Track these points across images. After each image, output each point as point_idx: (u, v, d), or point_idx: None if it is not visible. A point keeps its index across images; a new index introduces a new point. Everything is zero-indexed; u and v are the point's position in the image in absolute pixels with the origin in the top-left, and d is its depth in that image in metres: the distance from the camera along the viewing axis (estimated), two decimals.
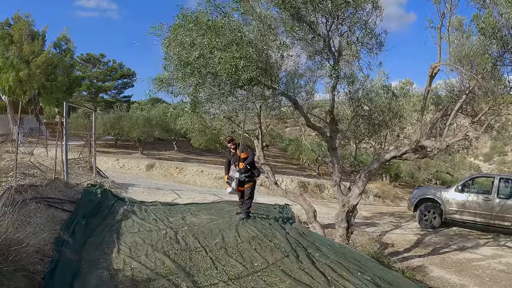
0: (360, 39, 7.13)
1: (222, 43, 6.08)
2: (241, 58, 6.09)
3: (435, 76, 7.38)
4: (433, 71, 7.19)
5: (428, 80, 7.45)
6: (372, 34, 7.10)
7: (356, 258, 6.87)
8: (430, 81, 7.48)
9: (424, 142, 7.80)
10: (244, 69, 6.14)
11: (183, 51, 6.32)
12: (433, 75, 7.30)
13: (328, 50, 7.32)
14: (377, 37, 7.18)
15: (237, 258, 6.67)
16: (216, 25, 6.23)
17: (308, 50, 7.21)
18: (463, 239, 12.48)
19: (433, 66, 7.15)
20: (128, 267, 6.21)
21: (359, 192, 8.65)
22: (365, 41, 7.12)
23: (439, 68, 7.21)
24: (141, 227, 8.65)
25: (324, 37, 7.08)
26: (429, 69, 7.21)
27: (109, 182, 14.94)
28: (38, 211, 8.19)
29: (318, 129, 8.96)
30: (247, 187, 9.05)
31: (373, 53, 7.26)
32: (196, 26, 6.21)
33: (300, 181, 23.45)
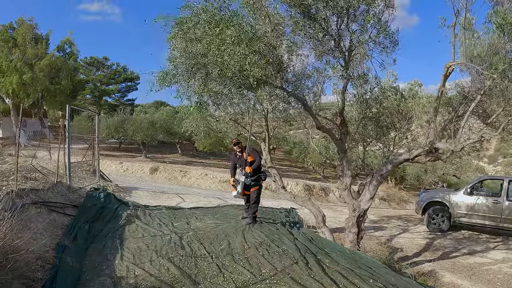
0: (373, 37, 6.87)
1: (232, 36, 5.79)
2: (252, 53, 5.83)
3: (449, 76, 7.14)
4: (447, 70, 6.95)
5: (442, 79, 7.20)
6: (386, 32, 6.84)
7: (367, 265, 6.62)
8: (444, 80, 7.22)
9: (438, 144, 7.54)
10: (254, 65, 5.87)
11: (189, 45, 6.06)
12: (447, 74, 7.05)
13: (339, 49, 7.07)
14: (392, 35, 6.92)
15: (244, 264, 6.44)
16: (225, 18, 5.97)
17: (318, 49, 6.96)
18: (472, 242, 12.27)
19: (447, 66, 6.90)
20: (131, 274, 6.00)
21: (371, 197, 8.40)
22: (378, 40, 6.87)
23: (453, 68, 6.96)
24: (145, 232, 8.43)
25: (335, 36, 6.84)
26: (443, 68, 6.97)
27: (112, 185, 14.73)
28: (39, 216, 8.02)
29: (328, 131, 8.72)
30: (253, 190, 8.82)
31: (387, 52, 7.01)
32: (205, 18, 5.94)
33: (306, 184, 23.24)
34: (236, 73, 5.87)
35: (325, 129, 8.65)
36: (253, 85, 6.18)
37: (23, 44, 30.34)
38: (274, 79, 6.69)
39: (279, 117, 10.65)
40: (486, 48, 7.35)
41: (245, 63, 5.80)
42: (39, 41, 31.78)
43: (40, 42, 31.69)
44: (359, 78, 7.48)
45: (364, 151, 11.07)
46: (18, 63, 29.36)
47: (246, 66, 5.80)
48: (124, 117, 31.63)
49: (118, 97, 56.92)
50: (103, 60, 54.05)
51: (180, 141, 35.98)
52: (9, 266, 4.82)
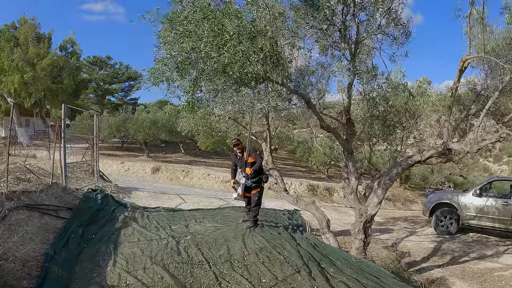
0: (382, 28, 6.40)
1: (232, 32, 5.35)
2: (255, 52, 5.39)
3: (464, 71, 6.71)
4: (463, 65, 6.51)
5: (457, 74, 6.76)
6: (398, 21, 6.36)
7: (374, 274, 6.20)
8: (459, 76, 6.78)
9: (452, 145, 7.09)
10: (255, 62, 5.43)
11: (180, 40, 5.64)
12: (462, 69, 6.61)
13: (345, 41, 6.61)
14: (404, 25, 6.43)
15: (243, 273, 6.05)
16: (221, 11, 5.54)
17: (321, 42, 6.50)
18: (482, 246, 11.92)
19: (463, 60, 6.47)
20: (123, 283, 5.66)
21: (379, 201, 7.95)
22: (388, 30, 6.40)
23: (469, 62, 6.53)
24: (141, 235, 8.08)
25: (340, 27, 6.38)
26: (459, 62, 6.54)
27: (112, 186, 14.40)
28: (30, 219, 7.72)
29: (333, 131, 8.26)
30: (254, 192, 8.43)
31: (397, 44, 6.53)
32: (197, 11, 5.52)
33: (309, 184, 22.86)
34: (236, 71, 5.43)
35: (330, 128, 8.19)
36: (252, 81, 5.75)
37: (25, 43, 30.21)
38: (274, 75, 6.26)
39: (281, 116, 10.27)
40: (501, 42, 6.96)
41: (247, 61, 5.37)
42: (41, 40, 31.60)
43: (42, 41, 31.53)
44: (367, 72, 6.96)
45: (370, 151, 10.66)
46: (19, 63, 29.22)
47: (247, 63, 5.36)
48: (125, 116, 31.36)
49: (121, 96, 56.80)
50: (106, 59, 53.88)
51: (183, 141, 35.69)
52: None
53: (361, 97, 9.23)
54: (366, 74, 6.83)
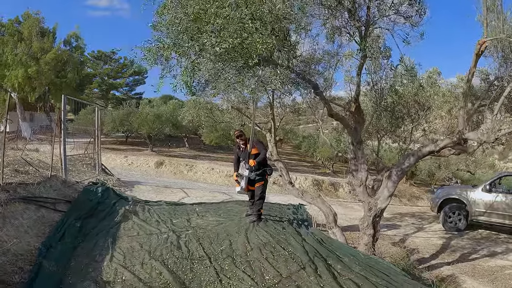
0: (396, 6, 6.00)
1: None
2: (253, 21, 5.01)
3: (481, 55, 6.35)
4: (480, 48, 6.15)
5: (473, 59, 6.39)
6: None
7: (384, 272, 5.86)
8: (475, 60, 6.41)
9: (468, 135, 6.73)
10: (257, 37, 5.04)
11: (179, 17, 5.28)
12: (479, 53, 6.24)
13: (355, 19, 6.21)
14: (419, 2, 6.03)
15: (245, 269, 5.74)
16: None
17: (329, 22, 6.11)
18: (491, 243, 11.66)
19: (480, 42, 6.11)
20: (119, 279, 5.38)
21: (389, 194, 7.59)
22: (401, 9, 6.01)
23: (486, 45, 6.18)
24: (141, 230, 7.81)
25: (349, 7, 6.01)
26: (475, 46, 6.18)
27: (113, 180, 14.18)
28: (25, 212, 7.48)
29: (341, 119, 7.90)
30: (258, 186, 8.10)
31: (411, 24, 6.13)
32: None
33: (315, 179, 22.60)
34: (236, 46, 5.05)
35: (338, 116, 7.83)
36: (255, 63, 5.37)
37: (29, 38, 30.05)
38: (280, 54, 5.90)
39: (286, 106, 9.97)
40: None
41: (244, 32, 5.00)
42: (45, 35, 31.43)
43: (47, 36, 31.35)
44: (380, 53, 6.54)
45: (378, 144, 10.34)
46: (23, 57, 29.07)
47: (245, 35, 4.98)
48: (129, 110, 31.14)
49: (126, 91, 56.64)
50: (110, 54, 53.65)
51: (187, 135, 35.48)
52: None
53: (369, 87, 8.94)
54: (378, 54, 6.43)
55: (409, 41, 6.18)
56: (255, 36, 5.14)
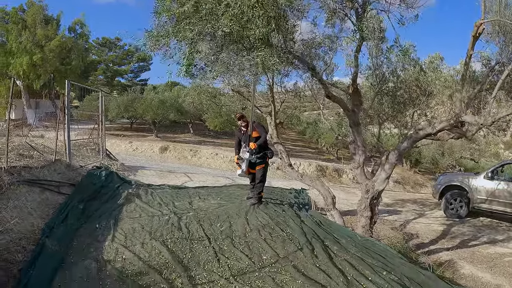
0: None
1: None
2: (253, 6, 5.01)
3: (479, 37, 6.34)
4: (477, 30, 6.14)
5: (471, 41, 6.38)
6: None
7: (380, 254, 5.94)
8: (473, 42, 6.39)
9: (465, 117, 6.73)
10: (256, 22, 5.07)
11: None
12: (477, 35, 6.23)
13: (351, 3, 6.22)
14: None
15: (243, 249, 5.87)
16: None
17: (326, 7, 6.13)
18: (492, 230, 11.63)
19: (477, 24, 6.09)
20: (119, 258, 5.54)
21: (386, 176, 7.61)
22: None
23: (483, 27, 6.17)
24: (143, 212, 7.96)
25: None
26: (473, 28, 6.18)
27: (118, 164, 14.30)
28: (30, 194, 7.62)
29: (339, 101, 7.90)
30: (259, 169, 8.17)
31: (407, 4, 6.15)
32: None
33: (318, 165, 22.68)
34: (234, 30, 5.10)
35: (336, 98, 7.84)
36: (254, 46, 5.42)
37: (33, 26, 30.09)
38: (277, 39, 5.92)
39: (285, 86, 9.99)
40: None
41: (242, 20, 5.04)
42: (49, 23, 31.47)
43: (51, 24, 31.38)
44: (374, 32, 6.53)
45: (379, 129, 10.34)
46: (28, 44, 29.16)
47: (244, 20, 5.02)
48: (134, 96, 31.22)
49: (131, 77, 56.75)
50: (115, 41, 53.63)
51: (191, 121, 35.56)
52: None
53: (370, 72, 8.93)
54: (373, 33, 6.43)
55: (403, 22, 6.20)
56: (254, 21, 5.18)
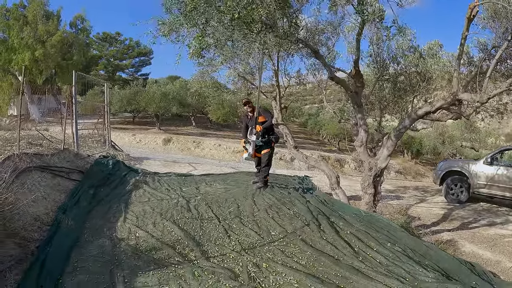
0: None
1: None
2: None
3: (473, 19, 6.53)
4: (471, 12, 6.33)
5: (465, 23, 6.59)
6: None
7: (384, 228, 6.18)
8: (468, 24, 6.60)
9: (462, 95, 6.95)
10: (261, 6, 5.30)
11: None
12: (471, 17, 6.43)
13: None
14: None
15: (252, 227, 6.09)
16: None
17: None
18: (491, 214, 11.80)
19: (471, 6, 6.29)
20: (132, 236, 5.73)
21: (388, 153, 7.85)
22: None
23: (477, 9, 6.36)
24: (152, 196, 8.19)
25: None
26: (467, 10, 6.37)
27: (123, 155, 14.53)
28: (42, 180, 7.83)
29: (341, 82, 8.13)
30: (264, 153, 8.38)
31: None
32: None
33: (320, 155, 22.86)
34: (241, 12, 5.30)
35: (339, 79, 8.07)
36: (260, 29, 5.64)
37: (34, 21, 30.17)
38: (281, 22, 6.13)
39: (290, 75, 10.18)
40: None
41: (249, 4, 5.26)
42: (50, 18, 31.58)
43: (51, 19, 31.48)
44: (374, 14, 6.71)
45: (380, 114, 10.55)
46: (29, 40, 29.28)
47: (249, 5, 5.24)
48: (136, 89, 31.37)
49: (132, 72, 56.73)
50: (115, 35, 53.65)
51: (194, 114, 35.71)
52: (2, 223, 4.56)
53: (371, 59, 9.13)
54: (373, 15, 6.61)
55: (402, 4, 6.40)
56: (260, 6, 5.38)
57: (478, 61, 8.58)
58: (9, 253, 4.60)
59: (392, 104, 10.29)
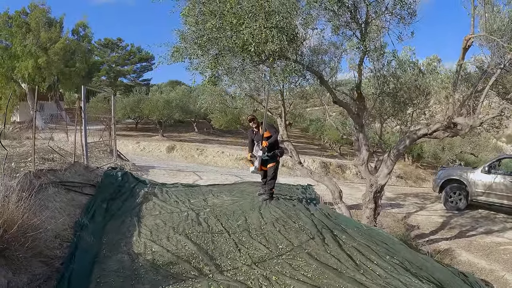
0: (389, 9, 6.69)
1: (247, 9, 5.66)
2: (270, 28, 5.70)
3: (468, 49, 6.97)
4: (466, 43, 6.78)
5: (461, 53, 7.04)
6: (403, 2, 6.64)
7: (384, 241, 6.59)
8: (463, 54, 7.05)
9: (457, 119, 7.39)
10: (272, 39, 5.75)
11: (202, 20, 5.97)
12: (466, 47, 6.88)
13: (355, 21, 6.91)
14: (409, 6, 6.72)
15: (261, 240, 6.45)
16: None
17: (333, 21, 6.79)
18: (489, 222, 12.15)
19: (466, 38, 6.73)
20: (149, 251, 6.05)
21: (388, 172, 8.30)
22: (395, 11, 6.68)
23: (472, 41, 6.79)
24: (162, 209, 8.50)
25: (351, 8, 6.67)
26: (462, 41, 6.79)
27: (129, 164, 14.84)
28: (57, 195, 8.09)
29: (345, 105, 8.60)
30: (270, 166, 8.76)
31: (404, 23, 6.83)
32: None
33: (322, 161, 23.16)
34: (252, 47, 5.75)
35: (342, 103, 8.53)
36: (269, 59, 6.08)
37: (36, 29, 30.46)
38: (289, 52, 6.57)
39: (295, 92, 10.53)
40: (506, 21, 7.13)
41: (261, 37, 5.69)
42: (53, 25, 31.89)
43: (54, 26, 31.79)
44: (375, 51, 7.23)
45: (381, 127, 10.90)
46: (32, 48, 29.56)
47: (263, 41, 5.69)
48: (139, 97, 31.71)
49: (134, 77, 57.08)
50: (117, 42, 54.02)
51: (196, 120, 36.03)
52: (28, 244, 4.87)
53: (372, 74, 9.47)
54: (375, 52, 7.08)
55: (402, 39, 6.89)
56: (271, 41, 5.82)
57: (475, 77, 8.92)
58: (37, 272, 4.92)
59: (393, 117, 10.61)
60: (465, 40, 6.79)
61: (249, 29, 5.68)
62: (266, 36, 5.68)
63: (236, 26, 5.76)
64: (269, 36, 5.71)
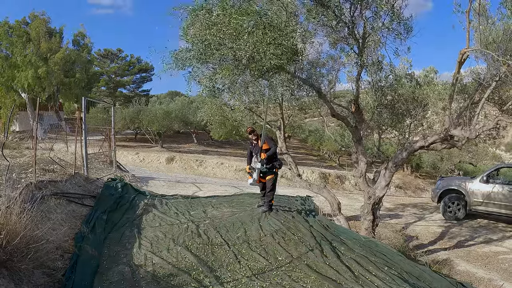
0: (386, 25, 6.83)
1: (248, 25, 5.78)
2: (267, 44, 5.83)
3: (464, 62, 7.10)
4: (462, 57, 6.91)
5: (456, 66, 7.17)
6: (400, 18, 6.79)
7: (382, 252, 6.66)
8: (458, 67, 7.19)
9: (453, 132, 7.50)
10: (271, 55, 5.88)
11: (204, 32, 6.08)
12: (462, 61, 7.02)
13: (352, 37, 7.05)
14: (405, 22, 6.87)
15: (260, 252, 6.51)
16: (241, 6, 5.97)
17: (331, 37, 6.95)
18: (488, 231, 12.19)
19: (462, 52, 6.86)
20: (149, 263, 6.09)
21: (386, 184, 8.39)
22: (392, 27, 6.82)
23: (468, 54, 6.92)
24: (162, 221, 8.54)
25: (348, 24, 6.81)
26: (458, 55, 6.92)
27: (129, 176, 14.89)
28: (58, 207, 8.14)
29: (343, 119, 8.71)
30: (269, 178, 8.81)
31: (401, 39, 6.97)
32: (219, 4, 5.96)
33: (321, 172, 23.23)
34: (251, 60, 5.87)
35: (340, 116, 8.64)
36: (268, 72, 6.19)
37: (36, 39, 30.62)
38: (288, 66, 6.68)
39: (294, 105, 10.64)
40: (501, 34, 7.25)
41: (259, 52, 5.81)
42: (53, 35, 32.06)
43: (54, 36, 31.97)
44: (373, 65, 7.39)
45: (379, 138, 11.00)
46: (32, 58, 29.68)
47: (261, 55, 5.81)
48: (139, 108, 31.84)
49: (133, 88, 57.26)
50: (117, 52, 54.32)
51: (195, 131, 36.12)
52: (30, 256, 4.92)
53: (370, 86, 9.58)
54: (372, 66, 7.22)
55: (398, 54, 7.04)
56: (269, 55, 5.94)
57: (471, 89, 9.04)
58: (39, 283, 4.98)
59: (391, 128, 10.71)
60: (460, 53, 6.93)
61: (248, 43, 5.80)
62: (262, 50, 5.80)
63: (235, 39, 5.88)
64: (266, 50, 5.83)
